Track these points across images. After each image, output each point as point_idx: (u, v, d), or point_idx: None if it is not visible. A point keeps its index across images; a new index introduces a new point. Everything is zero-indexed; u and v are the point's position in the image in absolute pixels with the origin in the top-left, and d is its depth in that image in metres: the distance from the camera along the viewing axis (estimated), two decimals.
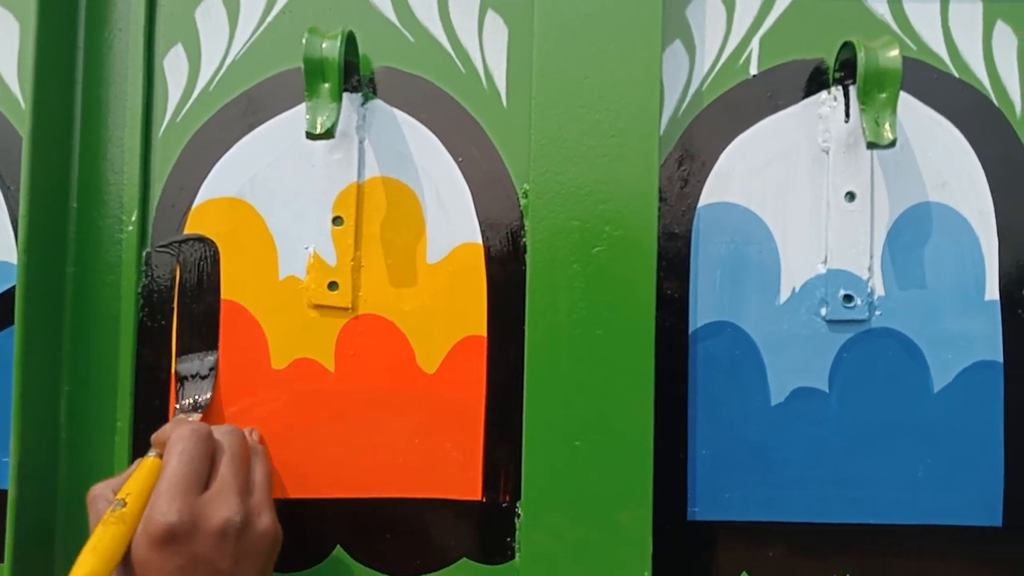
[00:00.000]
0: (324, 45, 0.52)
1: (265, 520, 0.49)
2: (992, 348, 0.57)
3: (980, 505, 0.57)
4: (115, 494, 0.48)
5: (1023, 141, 0.58)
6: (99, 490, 0.49)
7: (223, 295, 0.57)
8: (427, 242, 0.58)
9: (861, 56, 0.53)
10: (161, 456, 0.49)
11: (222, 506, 0.47)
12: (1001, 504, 0.57)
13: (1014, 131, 0.58)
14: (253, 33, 0.58)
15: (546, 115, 0.54)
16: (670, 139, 0.58)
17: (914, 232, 0.57)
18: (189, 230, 0.58)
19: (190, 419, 0.55)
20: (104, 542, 0.45)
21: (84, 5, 0.58)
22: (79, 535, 0.56)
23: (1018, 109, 0.58)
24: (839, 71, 0.57)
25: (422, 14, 0.58)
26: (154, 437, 0.51)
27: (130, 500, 0.47)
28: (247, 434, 0.54)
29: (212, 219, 0.58)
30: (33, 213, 0.54)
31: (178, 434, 0.49)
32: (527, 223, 0.56)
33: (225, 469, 0.49)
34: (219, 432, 0.51)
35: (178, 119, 0.58)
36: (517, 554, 0.56)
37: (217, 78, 0.58)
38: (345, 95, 0.56)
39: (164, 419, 0.57)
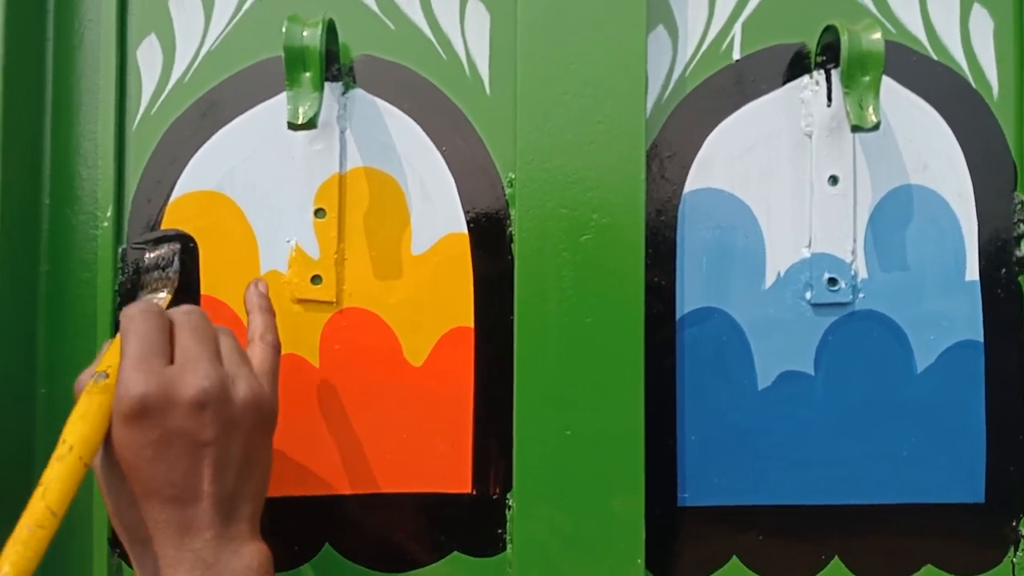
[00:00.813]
0: (305, 33, 0.51)
1: (243, 387, 0.46)
2: (973, 328, 0.58)
3: (963, 482, 0.58)
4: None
5: (1000, 122, 0.58)
6: (84, 376, 0.47)
7: (203, 291, 0.56)
8: (412, 233, 0.57)
9: (844, 39, 0.53)
10: None
11: (191, 374, 0.44)
12: (983, 481, 0.58)
13: (991, 112, 0.59)
14: (229, 22, 0.57)
15: (531, 102, 0.54)
16: (655, 125, 0.57)
17: (896, 215, 0.58)
18: (166, 225, 0.56)
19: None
20: (92, 410, 0.43)
21: None
22: (60, 544, 0.55)
23: (995, 91, 0.59)
24: (821, 55, 0.57)
25: (402, 1, 0.57)
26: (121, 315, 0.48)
27: (111, 372, 0.44)
28: (254, 285, 0.52)
29: (190, 213, 0.56)
30: (5, 210, 0.52)
31: (128, 312, 0.46)
32: (513, 212, 0.55)
33: (187, 341, 0.45)
34: (173, 310, 0.48)
35: (152, 111, 0.57)
36: (509, 546, 0.56)
37: (192, 69, 0.57)
38: (325, 84, 0.55)
39: None
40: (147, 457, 0.43)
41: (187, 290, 0.56)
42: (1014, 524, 0.58)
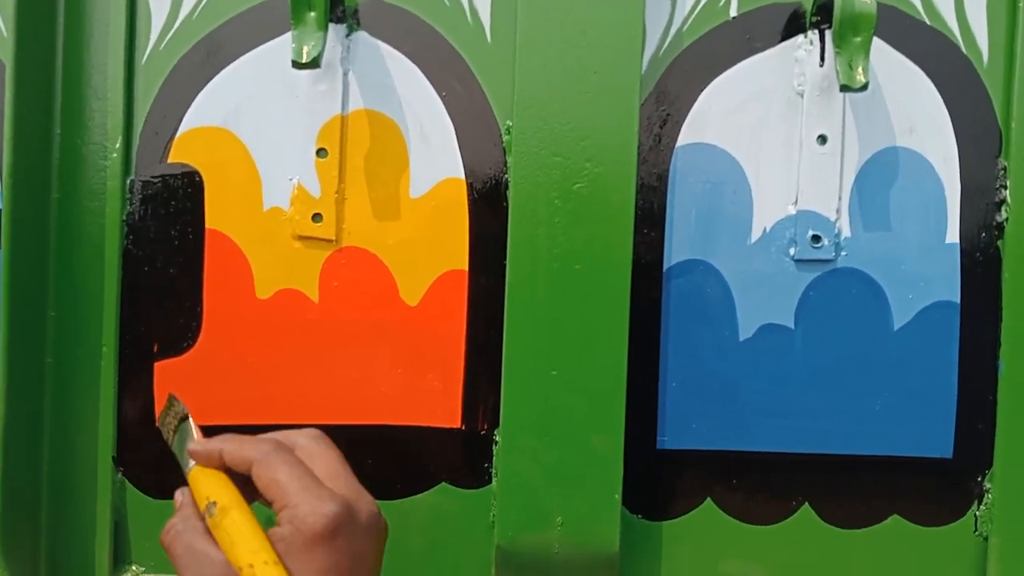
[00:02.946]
0: None
1: (382, 516, 0.44)
2: (950, 289, 0.60)
3: (933, 437, 0.60)
4: (197, 519, 0.43)
5: (989, 89, 0.60)
6: (177, 523, 0.43)
7: (207, 224, 0.58)
8: (410, 176, 0.58)
9: (838, 0, 0.54)
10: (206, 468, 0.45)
11: (360, 500, 0.42)
12: (952, 437, 0.60)
13: (980, 79, 0.60)
14: None
15: (530, 51, 0.55)
16: (650, 79, 0.59)
17: (881, 176, 0.59)
18: (173, 159, 0.58)
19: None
20: (236, 532, 0.41)
21: None
22: (64, 455, 0.58)
23: (985, 58, 0.60)
24: (816, 15, 0.58)
25: None
26: (193, 451, 0.45)
27: (222, 502, 0.42)
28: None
29: (196, 148, 0.58)
30: (17, 139, 0.54)
31: (262, 447, 0.43)
32: (510, 159, 0.57)
33: (334, 464, 0.43)
34: (295, 433, 0.45)
35: (161, 46, 0.58)
36: (494, 479, 0.58)
37: (201, 6, 0.58)
38: (330, 26, 0.56)
39: (150, 345, 0.58)
40: None
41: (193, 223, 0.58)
42: (979, 479, 0.60)
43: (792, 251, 0.59)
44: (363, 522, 0.42)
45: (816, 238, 0.59)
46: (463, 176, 0.58)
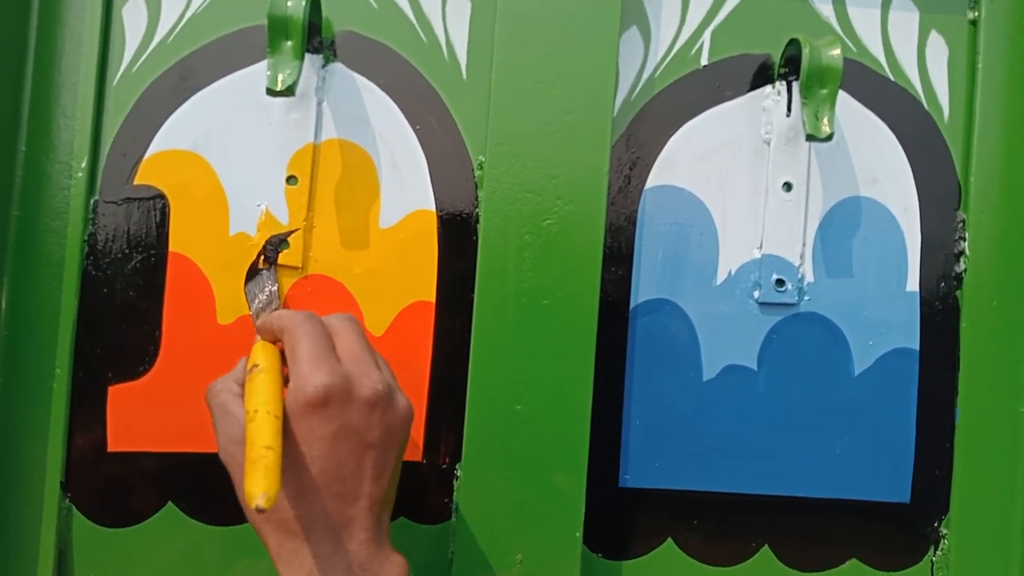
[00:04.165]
0: (289, 3, 0.53)
1: (402, 400, 0.47)
2: (910, 336, 0.61)
3: (891, 482, 0.61)
4: (237, 384, 0.47)
5: (948, 144, 0.62)
6: (219, 384, 0.47)
7: (171, 248, 0.57)
8: (381, 207, 0.58)
9: (806, 52, 0.55)
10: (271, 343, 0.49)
11: (365, 376, 0.45)
12: (910, 482, 0.61)
13: (941, 134, 0.62)
14: None
15: (505, 89, 0.56)
16: (622, 121, 0.60)
17: (844, 224, 0.61)
18: (140, 181, 0.57)
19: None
20: (258, 386, 0.45)
21: None
22: (10, 477, 0.56)
23: (946, 114, 0.62)
24: (784, 67, 0.60)
25: None
26: (260, 325, 0.50)
27: (263, 365, 0.46)
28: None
29: (163, 171, 0.58)
30: None
31: (293, 318, 0.47)
32: (481, 194, 0.57)
33: (353, 346, 0.47)
34: (330, 317, 0.49)
35: (134, 69, 0.58)
36: (454, 514, 0.57)
37: (176, 31, 0.58)
38: (306, 56, 0.56)
39: (103, 368, 0.57)
40: (321, 450, 0.44)
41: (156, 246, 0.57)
42: (936, 525, 0.61)
43: (756, 294, 0.60)
44: (362, 396, 0.45)
45: (780, 282, 0.60)
46: (434, 208, 0.59)
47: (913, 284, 0.61)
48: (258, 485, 0.40)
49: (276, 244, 0.54)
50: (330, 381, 0.44)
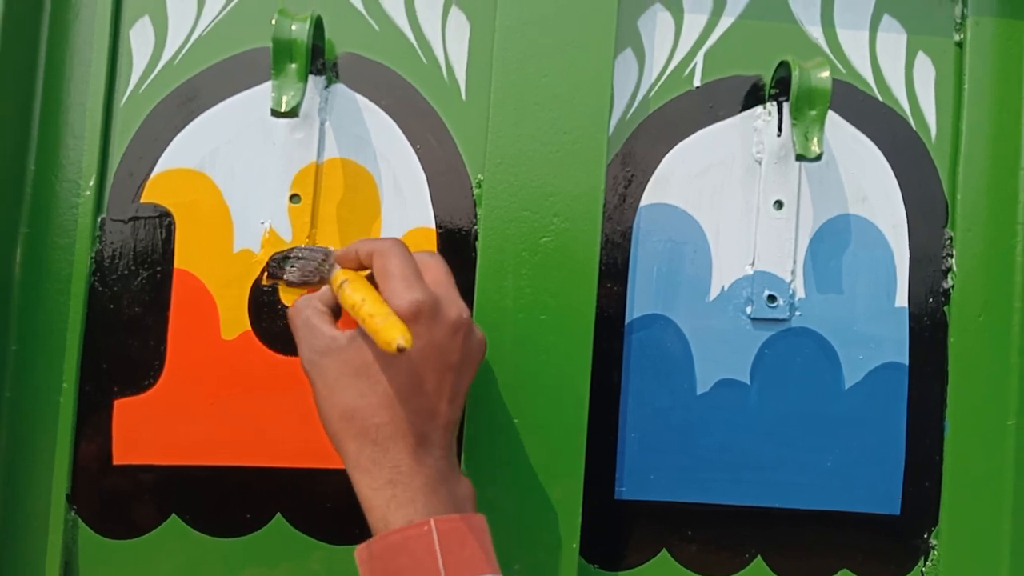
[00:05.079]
0: (293, 27, 0.54)
1: (478, 330, 0.49)
2: (899, 351, 0.62)
3: (881, 494, 0.62)
4: (321, 302, 0.49)
5: (936, 163, 0.63)
6: (303, 301, 0.49)
7: (176, 264, 0.59)
8: (382, 224, 0.60)
9: (795, 74, 0.57)
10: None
11: (452, 301, 0.47)
12: (900, 494, 0.62)
13: (929, 154, 0.63)
14: (220, 11, 0.60)
15: (503, 109, 0.57)
16: (617, 141, 0.61)
17: (834, 241, 0.62)
18: (146, 199, 0.59)
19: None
20: (360, 287, 0.47)
21: None
22: (17, 490, 0.57)
23: (933, 134, 0.63)
24: (775, 88, 0.62)
25: (388, 4, 0.60)
26: (342, 253, 0.51)
27: (351, 277, 0.48)
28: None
29: (169, 189, 0.59)
30: None
31: (384, 242, 0.48)
32: (479, 211, 0.59)
33: (439, 274, 0.49)
34: (417, 252, 0.50)
35: (141, 90, 0.59)
36: None
37: (182, 53, 0.59)
38: (309, 77, 0.58)
39: (109, 382, 0.58)
40: (407, 363, 0.46)
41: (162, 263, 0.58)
42: (926, 536, 0.62)
43: (749, 309, 0.61)
44: (448, 319, 0.46)
45: (772, 298, 0.61)
46: (434, 226, 0.60)
47: (902, 300, 0.62)
48: (395, 328, 0.43)
49: (279, 261, 0.55)
50: (423, 298, 0.45)
